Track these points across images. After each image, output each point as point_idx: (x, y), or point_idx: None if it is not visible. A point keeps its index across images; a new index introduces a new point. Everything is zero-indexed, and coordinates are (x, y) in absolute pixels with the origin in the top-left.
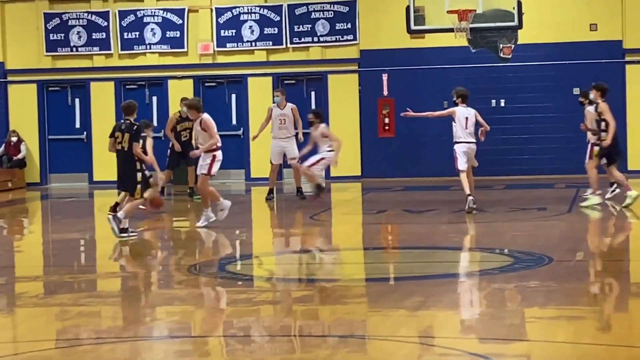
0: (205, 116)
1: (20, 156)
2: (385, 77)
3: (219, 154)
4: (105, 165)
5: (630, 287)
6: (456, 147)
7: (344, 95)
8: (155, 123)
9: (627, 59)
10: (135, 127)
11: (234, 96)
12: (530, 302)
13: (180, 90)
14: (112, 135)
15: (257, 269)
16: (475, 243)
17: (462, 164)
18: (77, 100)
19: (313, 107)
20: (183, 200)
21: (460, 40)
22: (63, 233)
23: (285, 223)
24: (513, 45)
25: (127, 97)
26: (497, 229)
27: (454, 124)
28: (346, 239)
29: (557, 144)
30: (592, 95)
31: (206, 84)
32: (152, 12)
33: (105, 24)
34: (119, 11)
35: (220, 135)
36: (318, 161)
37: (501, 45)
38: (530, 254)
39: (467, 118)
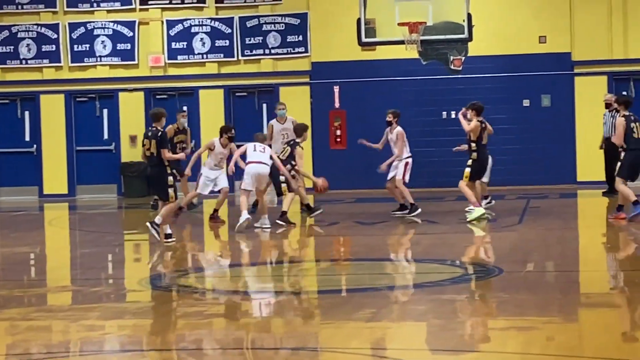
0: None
1: None
2: (336, 89)
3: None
4: (55, 178)
5: (580, 297)
6: (409, 160)
7: (295, 107)
8: (106, 136)
9: (576, 70)
10: (161, 133)
11: (185, 108)
12: (480, 313)
13: (131, 103)
14: (143, 144)
15: (209, 281)
16: (427, 254)
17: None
18: (26, 113)
19: (265, 119)
20: (136, 212)
21: (411, 52)
22: (12, 247)
23: (237, 235)
24: (463, 58)
25: (78, 110)
26: (448, 240)
27: (394, 142)
28: (298, 250)
29: (508, 156)
30: (469, 114)
31: (157, 97)
32: (102, 25)
33: (55, 36)
34: (69, 23)
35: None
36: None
37: (452, 58)
38: (480, 265)
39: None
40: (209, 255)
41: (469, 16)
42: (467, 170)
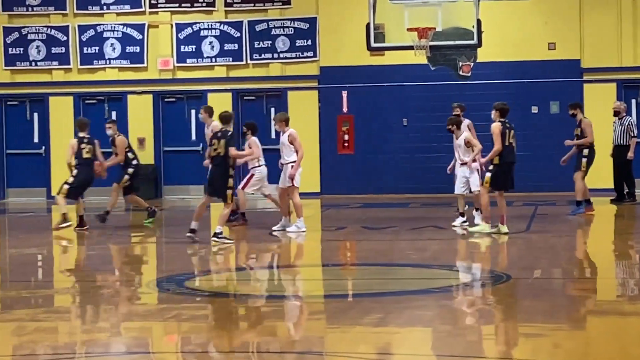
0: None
1: None
2: (345, 93)
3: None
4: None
5: (588, 304)
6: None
7: (303, 111)
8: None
9: (585, 77)
10: (230, 132)
11: (193, 112)
12: (487, 319)
13: (139, 106)
14: (210, 144)
15: (216, 285)
16: (434, 260)
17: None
18: (35, 115)
19: (272, 123)
20: (141, 214)
21: (419, 57)
22: (20, 248)
23: (245, 239)
24: (472, 63)
25: (86, 112)
26: (456, 246)
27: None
28: (305, 255)
29: (515, 162)
30: (492, 114)
31: (166, 100)
32: (112, 27)
33: (65, 38)
34: (79, 26)
35: (180, 151)
36: (249, 179)
37: (460, 63)
38: (488, 272)
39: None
40: (214, 259)
41: (479, 22)
42: (488, 175)
